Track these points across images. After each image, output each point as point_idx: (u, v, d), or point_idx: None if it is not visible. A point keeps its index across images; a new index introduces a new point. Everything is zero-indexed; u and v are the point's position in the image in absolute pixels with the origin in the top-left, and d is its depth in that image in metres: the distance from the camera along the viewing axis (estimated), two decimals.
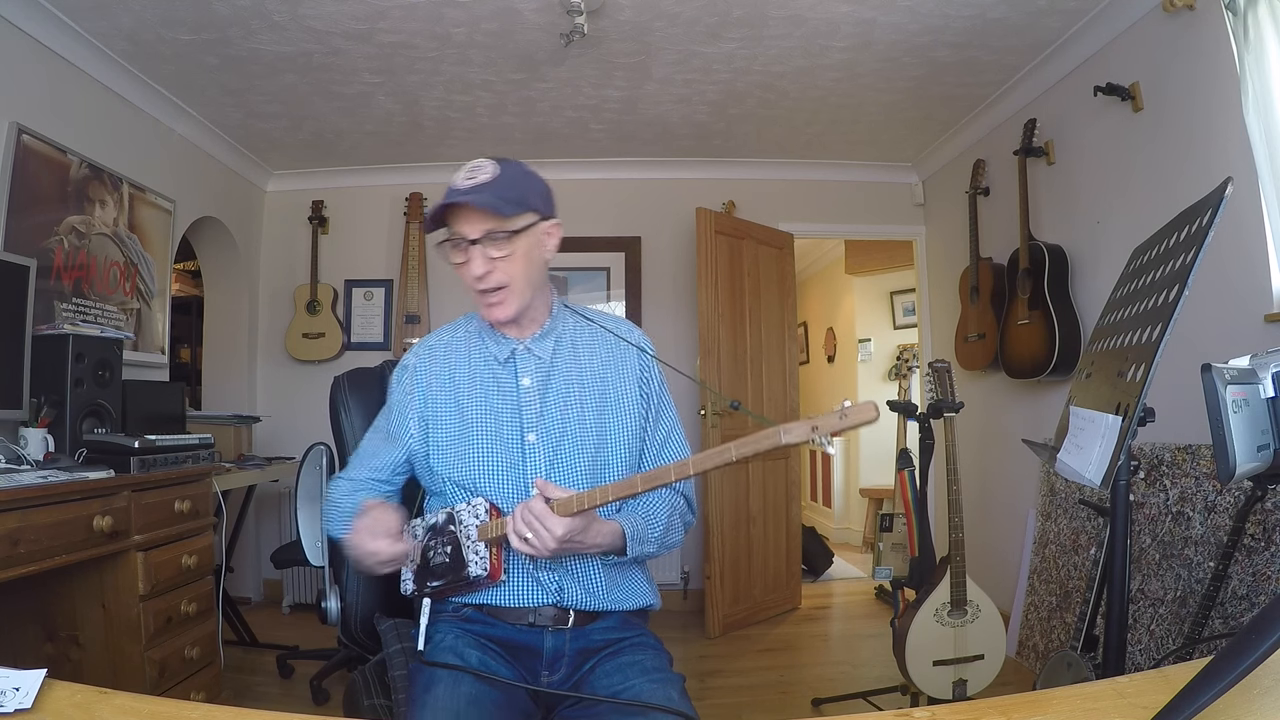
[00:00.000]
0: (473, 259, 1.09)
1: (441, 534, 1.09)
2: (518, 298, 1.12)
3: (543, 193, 1.15)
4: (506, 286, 1.11)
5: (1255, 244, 1.99)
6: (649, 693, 1.01)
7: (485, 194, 1.06)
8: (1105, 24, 2.56)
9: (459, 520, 1.08)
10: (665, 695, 1.01)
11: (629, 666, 1.08)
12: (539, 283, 1.16)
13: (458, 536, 1.07)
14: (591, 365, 1.20)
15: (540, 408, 1.15)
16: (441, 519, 1.10)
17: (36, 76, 2.47)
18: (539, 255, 1.14)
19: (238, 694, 2.57)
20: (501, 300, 1.12)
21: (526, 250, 1.11)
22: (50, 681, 0.74)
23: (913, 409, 2.58)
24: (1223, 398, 0.97)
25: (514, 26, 2.66)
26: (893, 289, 5.39)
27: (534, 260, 1.13)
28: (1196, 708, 0.50)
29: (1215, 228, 0.96)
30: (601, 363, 1.21)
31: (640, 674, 1.06)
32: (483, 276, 1.09)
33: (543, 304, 1.19)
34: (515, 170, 1.12)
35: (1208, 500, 2.01)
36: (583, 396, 1.17)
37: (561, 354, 1.19)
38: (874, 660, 2.96)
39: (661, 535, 1.16)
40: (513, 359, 1.18)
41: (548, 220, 1.15)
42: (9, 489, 1.62)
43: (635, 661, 1.10)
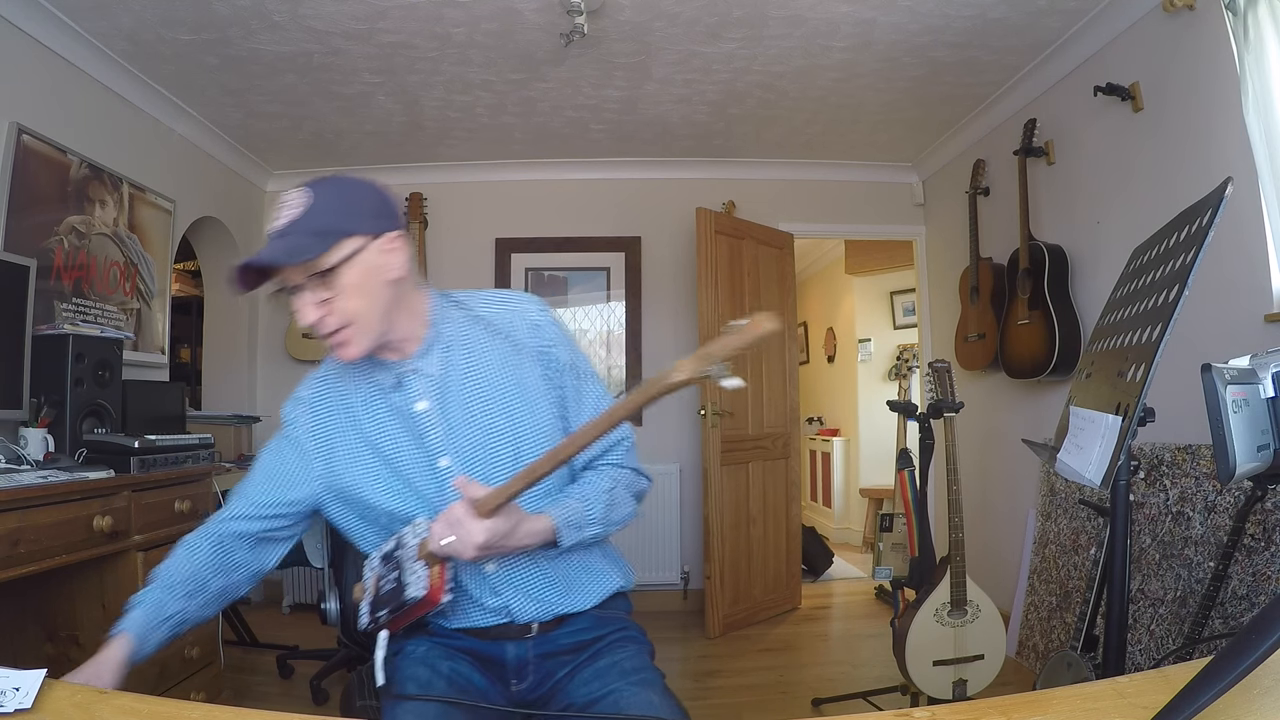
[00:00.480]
0: (301, 307, 0.98)
1: (390, 560, 1.02)
2: (365, 334, 1.00)
3: (371, 208, 1.01)
4: (348, 325, 0.99)
5: (1255, 244, 1.99)
6: (629, 698, 0.97)
7: (289, 238, 0.95)
8: (1105, 24, 2.56)
9: (404, 543, 1.01)
10: (646, 700, 0.97)
11: (608, 670, 1.04)
12: (391, 306, 1.02)
13: (401, 560, 1.00)
14: (489, 365, 1.08)
15: (445, 429, 1.05)
16: (391, 545, 1.03)
17: (36, 76, 2.47)
18: (380, 279, 1.00)
19: (238, 694, 2.57)
20: (346, 340, 0.99)
21: (360, 280, 0.98)
22: (50, 681, 0.74)
23: (913, 409, 2.58)
24: (1223, 398, 0.97)
25: (514, 26, 2.66)
26: (893, 289, 5.39)
27: (374, 288, 0.99)
28: (1196, 708, 0.50)
29: (1215, 228, 0.96)
30: (499, 359, 1.09)
31: (619, 677, 1.02)
32: (317, 322, 0.98)
33: (412, 320, 1.06)
34: (330, 192, 0.99)
35: (1208, 500, 2.01)
36: (488, 404, 1.06)
37: (454, 363, 1.07)
38: (874, 660, 2.96)
39: (604, 513, 1.06)
40: (401, 385, 1.06)
41: (381, 238, 1.00)
42: (9, 489, 1.62)
43: (614, 663, 1.05)
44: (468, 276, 4.04)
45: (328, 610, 1.78)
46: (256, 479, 1.09)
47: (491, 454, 1.05)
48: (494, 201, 4.11)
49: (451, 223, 4.07)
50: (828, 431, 5.87)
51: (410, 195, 3.99)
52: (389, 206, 1.05)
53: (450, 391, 1.06)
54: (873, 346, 5.47)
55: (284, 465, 1.09)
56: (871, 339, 5.47)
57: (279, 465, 1.09)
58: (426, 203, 4.01)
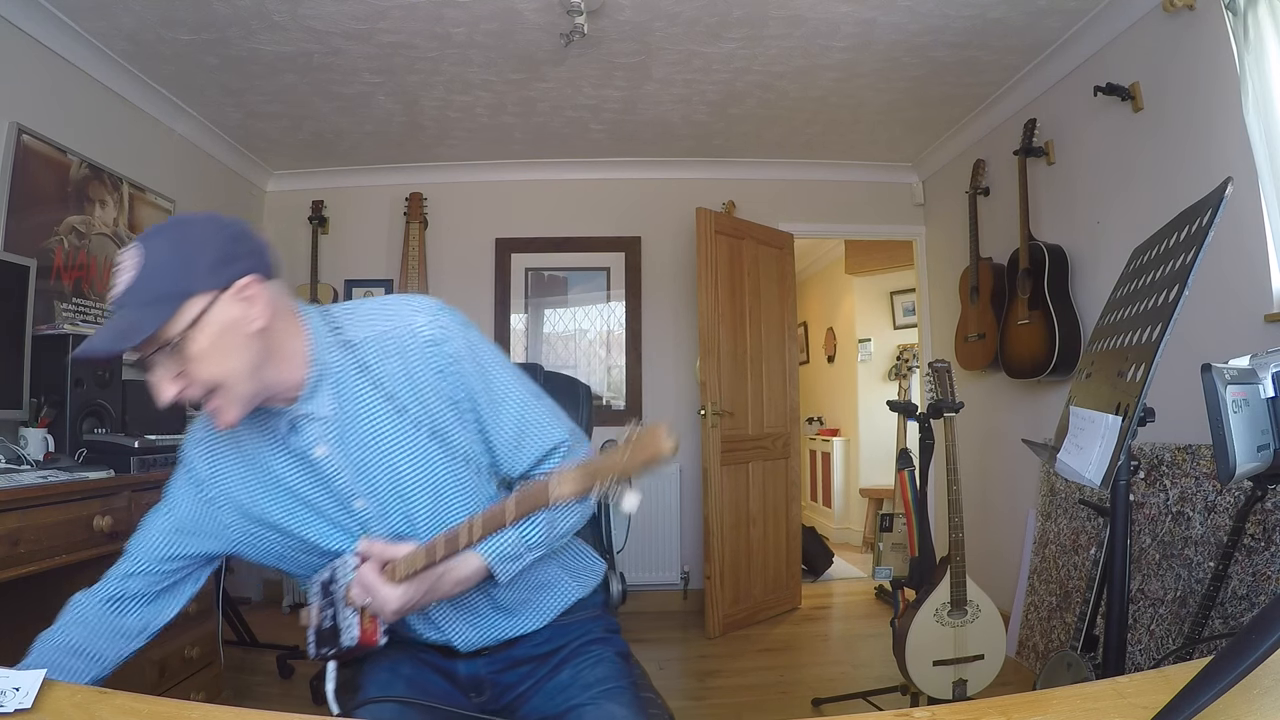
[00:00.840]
0: (156, 382, 0.85)
1: (327, 594, 0.97)
2: (236, 399, 0.87)
3: (213, 256, 0.85)
4: (213, 391, 0.86)
5: (1255, 244, 1.99)
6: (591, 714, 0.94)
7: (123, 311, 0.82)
8: (1105, 24, 2.56)
9: (337, 579, 0.95)
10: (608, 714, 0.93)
11: (570, 684, 1.00)
12: (260, 360, 0.88)
13: (335, 599, 0.95)
14: (386, 392, 0.94)
15: (352, 473, 0.94)
16: (326, 576, 0.97)
17: (36, 76, 2.47)
18: (239, 335, 0.86)
19: (238, 694, 2.57)
20: (217, 406, 0.87)
21: (214, 342, 0.84)
22: (50, 681, 0.74)
23: (913, 409, 2.58)
24: (1223, 398, 0.97)
25: (514, 26, 2.66)
26: (893, 289, 5.39)
27: (234, 346, 0.85)
28: (1196, 708, 0.50)
29: (1215, 228, 0.96)
30: (394, 381, 0.94)
31: (580, 691, 0.98)
32: (179, 395, 0.85)
33: (290, 365, 0.92)
34: (163, 246, 0.84)
35: (1208, 500, 2.01)
36: (393, 438, 0.95)
37: (347, 399, 0.94)
38: (874, 660, 2.96)
39: (546, 533, 0.97)
40: (295, 431, 0.94)
41: (231, 288, 0.85)
42: (9, 489, 1.62)
43: (576, 676, 1.01)
44: (468, 276, 4.04)
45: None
46: (156, 529, 0.98)
47: (407, 494, 0.95)
48: (494, 201, 4.11)
49: (451, 223, 4.07)
50: (828, 431, 5.87)
51: (410, 195, 3.99)
52: (239, 246, 0.88)
53: (348, 432, 0.94)
54: (873, 346, 5.47)
55: (188, 514, 0.98)
56: (871, 339, 5.47)
57: (183, 514, 0.98)
58: (426, 203, 4.01)
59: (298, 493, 0.96)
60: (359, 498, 0.95)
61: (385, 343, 0.95)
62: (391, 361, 0.95)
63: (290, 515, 0.97)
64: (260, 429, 0.96)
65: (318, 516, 0.97)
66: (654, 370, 4.06)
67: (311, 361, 0.93)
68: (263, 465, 0.96)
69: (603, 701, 0.95)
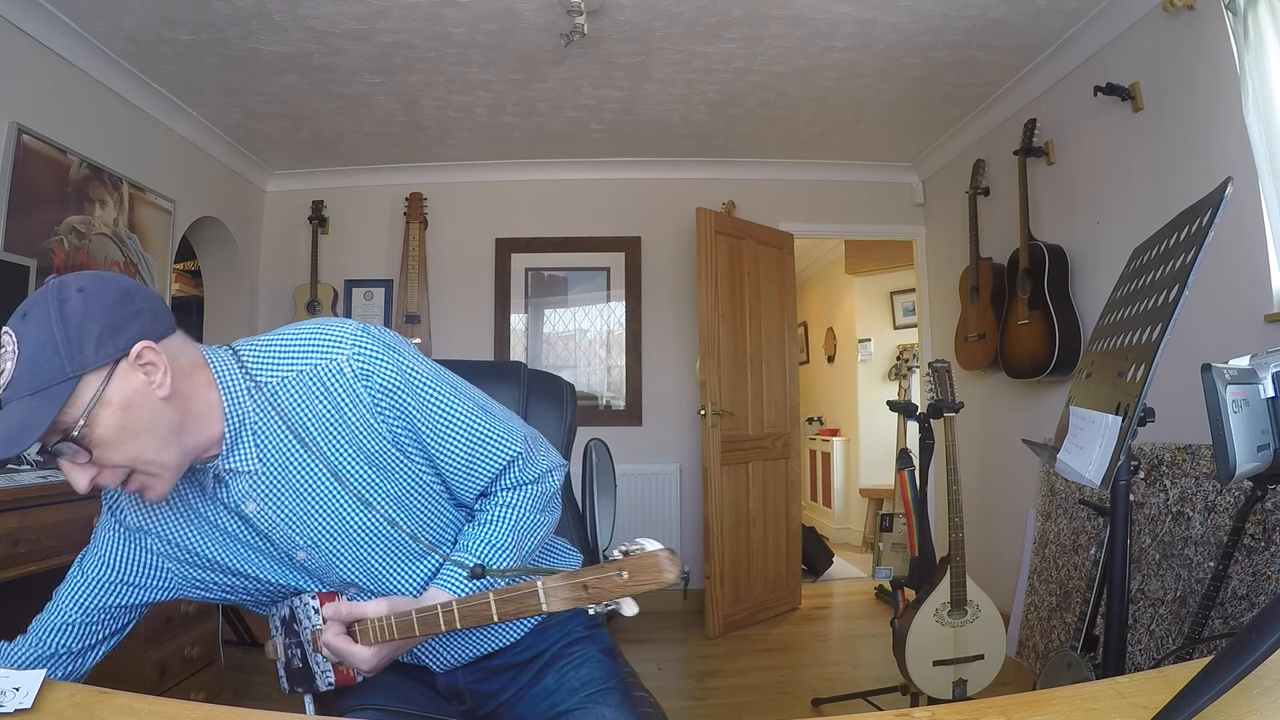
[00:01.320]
0: (68, 474, 0.77)
1: (290, 632, 0.94)
2: (160, 473, 0.80)
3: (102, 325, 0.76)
4: (133, 472, 0.79)
5: (1255, 244, 1.99)
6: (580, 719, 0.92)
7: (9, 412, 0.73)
8: (1105, 24, 2.56)
9: (299, 619, 0.92)
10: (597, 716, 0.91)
11: (556, 690, 0.97)
12: (176, 426, 0.80)
13: (302, 640, 0.92)
14: (313, 435, 0.87)
15: (286, 527, 0.88)
16: (286, 613, 0.93)
17: (36, 76, 2.47)
18: (147, 406, 0.78)
19: (238, 694, 2.57)
20: (141, 485, 0.80)
21: (121, 421, 0.76)
22: (50, 681, 0.74)
23: (913, 409, 2.58)
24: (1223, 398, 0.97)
25: (514, 26, 2.66)
26: (893, 289, 5.39)
27: (144, 419, 0.78)
28: (1196, 708, 0.50)
29: (1215, 228, 0.96)
30: (320, 424, 0.87)
31: (568, 695, 0.96)
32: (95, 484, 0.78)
33: (205, 424, 0.84)
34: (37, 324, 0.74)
35: (1208, 500, 2.01)
36: (326, 485, 0.87)
37: (269, 450, 0.86)
38: (874, 660, 2.96)
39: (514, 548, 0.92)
40: (220, 487, 0.87)
41: (128, 355, 0.77)
42: (9, 489, 1.62)
43: (562, 681, 0.98)
44: (468, 276, 4.04)
45: None
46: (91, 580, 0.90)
47: (353, 541, 0.89)
48: (494, 201, 4.11)
49: (451, 223, 4.07)
50: (828, 431, 5.87)
51: (410, 195, 3.99)
52: (127, 308, 0.78)
53: (277, 484, 0.87)
54: (873, 346, 5.46)
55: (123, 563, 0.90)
56: (871, 339, 5.47)
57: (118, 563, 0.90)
58: (426, 203, 4.01)
59: (240, 539, 0.90)
60: (300, 550, 0.89)
61: (305, 384, 0.86)
62: (315, 403, 0.86)
63: (237, 558, 0.91)
64: (188, 484, 0.89)
65: (266, 558, 0.91)
66: (654, 370, 4.06)
67: (227, 415, 0.85)
68: (199, 514, 0.90)
69: (591, 705, 0.93)
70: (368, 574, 0.92)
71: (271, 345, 0.89)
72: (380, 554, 0.91)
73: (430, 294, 3.99)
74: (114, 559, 0.91)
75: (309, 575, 0.92)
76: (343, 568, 0.91)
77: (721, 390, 3.49)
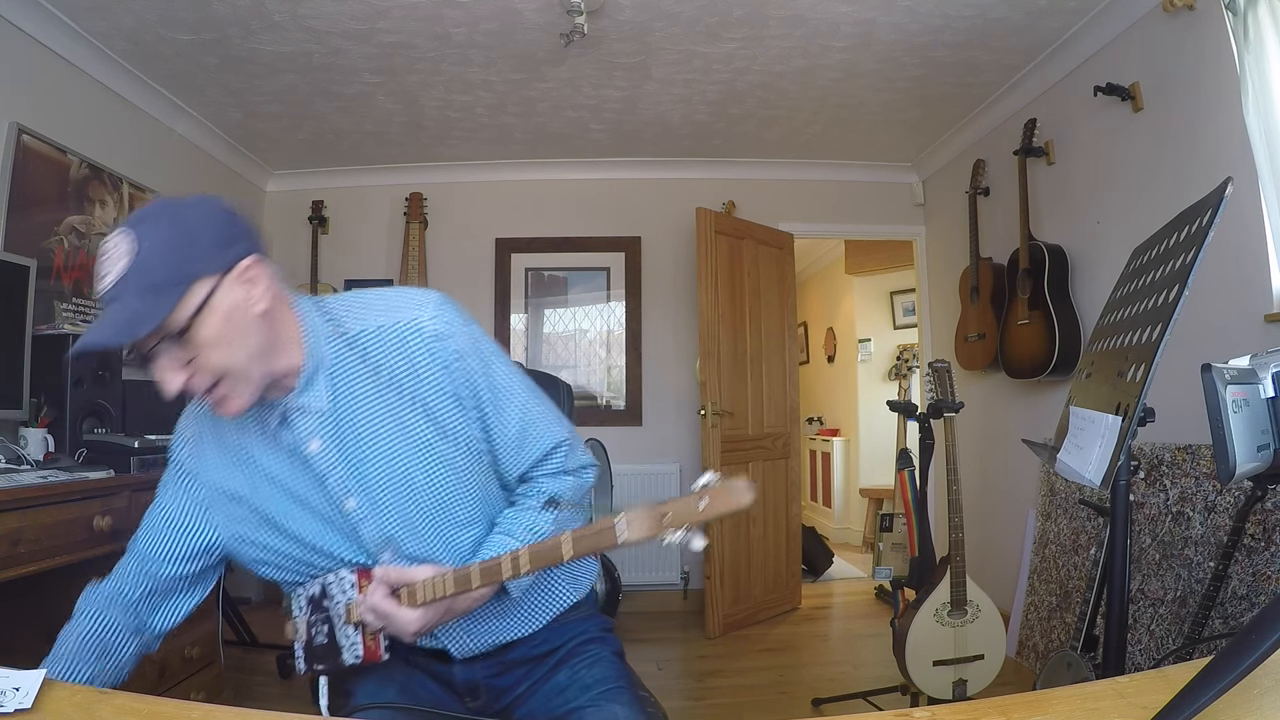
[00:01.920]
0: (160, 374, 0.82)
1: (319, 609, 0.94)
2: (245, 386, 0.85)
3: (214, 237, 0.83)
4: (221, 379, 0.84)
5: (1255, 244, 1.99)
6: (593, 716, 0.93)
7: (121, 303, 0.77)
8: (1105, 24, 2.56)
9: (330, 595, 0.93)
10: (610, 715, 0.93)
11: (568, 686, 0.98)
12: (265, 344, 0.86)
13: (331, 616, 0.93)
14: (386, 385, 0.92)
15: (345, 469, 0.91)
16: (317, 591, 0.94)
17: (36, 76, 2.47)
18: (246, 319, 0.84)
19: (238, 694, 2.57)
20: (224, 394, 0.85)
21: (223, 328, 0.82)
22: (50, 681, 0.74)
23: (913, 409, 2.58)
24: (1223, 398, 0.97)
25: (514, 26, 2.66)
26: (893, 289, 5.39)
27: (242, 330, 0.83)
28: (1196, 708, 0.50)
29: (1215, 228, 0.96)
30: (396, 374, 0.92)
31: (580, 692, 0.97)
32: (186, 386, 0.83)
33: (288, 351, 0.90)
34: (158, 229, 0.80)
35: (1208, 500, 2.01)
36: (390, 435, 0.92)
37: (343, 391, 0.92)
38: (874, 660, 2.96)
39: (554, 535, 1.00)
40: (286, 424, 0.92)
41: (234, 269, 0.84)
42: (9, 489, 1.62)
43: (574, 678, 0.99)
44: (468, 276, 4.04)
45: None
46: (151, 531, 0.96)
47: (403, 493, 0.92)
48: (494, 201, 4.11)
49: (451, 223, 4.07)
50: (828, 431, 5.87)
51: (410, 195, 3.99)
52: (235, 226, 0.86)
53: (344, 427, 0.91)
54: (873, 346, 5.47)
55: (180, 512, 0.96)
56: (871, 339, 5.47)
57: (175, 513, 0.96)
58: (426, 203, 4.01)
59: (289, 488, 0.93)
60: (351, 496, 0.92)
61: (386, 336, 0.92)
62: (393, 356, 0.92)
63: (282, 511, 0.93)
64: (250, 423, 0.93)
65: (310, 514, 0.93)
66: (654, 370, 4.06)
67: (307, 352, 0.91)
68: (253, 461, 0.94)
69: (603, 703, 0.94)
70: (411, 531, 0.93)
71: (357, 300, 0.97)
72: (427, 513, 0.93)
73: None
74: (171, 506, 0.96)
75: (350, 533, 0.93)
76: (389, 520, 0.92)
77: (721, 390, 3.49)
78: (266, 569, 0.98)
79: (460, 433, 0.94)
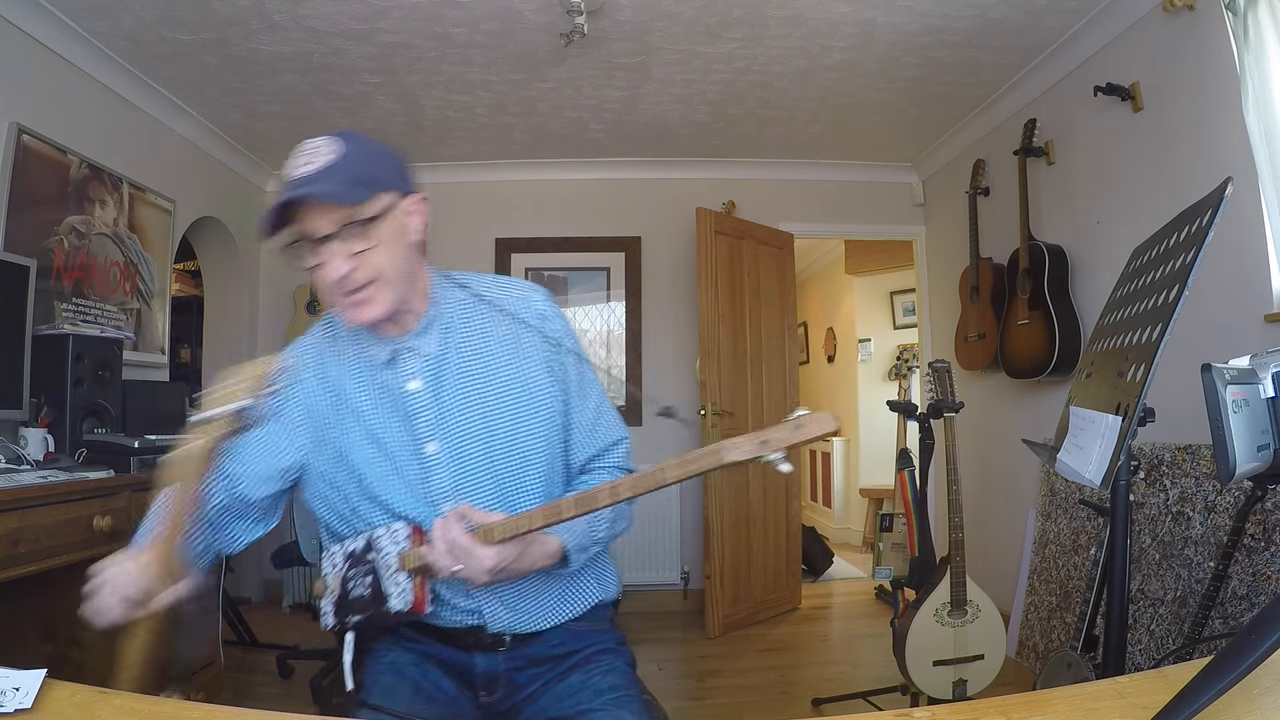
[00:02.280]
0: (330, 258, 0.92)
1: (360, 563, 0.97)
2: (390, 290, 0.95)
3: (398, 167, 0.99)
4: (375, 281, 0.94)
5: (1255, 244, 1.99)
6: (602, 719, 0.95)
7: (329, 182, 0.89)
8: (1105, 24, 2.56)
9: (378, 547, 0.97)
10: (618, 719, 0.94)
11: (581, 689, 1.00)
12: (409, 271, 0.98)
13: (377, 566, 0.96)
14: (490, 350, 1.04)
15: (436, 412, 1.00)
16: (360, 545, 0.98)
17: (36, 76, 2.47)
18: (405, 240, 0.97)
19: (238, 694, 2.57)
20: (370, 297, 0.94)
21: (391, 236, 0.95)
22: (50, 681, 0.74)
23: (913, 409, 2.58)
24: (1223, 398, 0.97)
25: (514, 26, 2.66)
26: (893, 289, 5.39)
27: (400, 248, 0.96)
28: (1196, 708, 0.50)
29: (1215, 228, 0.96)
30: (501, 345, 1.04)
31: (592, 696, 0.98)
32: (346, 276, 0.92)
33: (416, 293, 1.02)
34: (361, 146, 0.95)
35: (1208, 500, 2.01)
36: (484, 391, 1.01)
37: (452, 344, 1.03)
38: (874, 660, 2.96)
39: (608, 531, 1.04)
40: (394, 362, 1.01)
41: (408, 197, 0.98)
42: (9, 489, 1.62)
43: (587, 681, 1.01)
44: None
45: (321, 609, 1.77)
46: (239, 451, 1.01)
47: (482, 447, 1.00)
48: (494, 201, 4.11)
49: (451, 223, 4.07)
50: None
51: None
52: (410, 171, 1.02)
53: (446, 374, 1.01)
54: (873, 346, 5.47)
55: (267, 434, 1.01)
56: (871, 339, 5.47)
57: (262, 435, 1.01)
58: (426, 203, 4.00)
59: (372, 429, 1.00)
60: (434, 440, 0.99)
61: (507, 304, 1.06)
62: (506, 317, 1.05)
63: (357, 450, 1.00)
64: (355, 359, 1.03)
65: (384, 458, 1.00)
66: (654, 370, 4.06)
67: (431, 300, 1.03)
68: (345, 396, 1.02)
69: (613, 709, 0.96)
70: (478, 486, 0.99)
71: (479, 275, 1.11)
72: (498, 471, 1.00)
73: None
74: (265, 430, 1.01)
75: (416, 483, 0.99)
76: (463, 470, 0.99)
77: (721, 390, 3.49)
78: (323, 508, 1.04)
79: (545, 403, 1.04)
